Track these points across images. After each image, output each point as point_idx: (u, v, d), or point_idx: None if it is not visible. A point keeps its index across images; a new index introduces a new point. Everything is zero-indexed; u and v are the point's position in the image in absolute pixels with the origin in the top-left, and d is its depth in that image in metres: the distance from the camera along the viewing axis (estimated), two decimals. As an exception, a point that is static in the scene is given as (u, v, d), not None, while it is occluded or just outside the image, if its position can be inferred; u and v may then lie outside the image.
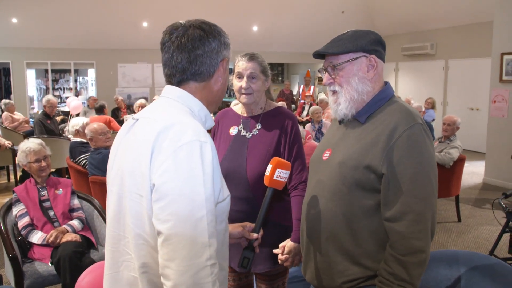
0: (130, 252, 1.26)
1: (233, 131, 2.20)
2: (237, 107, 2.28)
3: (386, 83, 1.67)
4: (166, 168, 1.14)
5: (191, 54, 1.30)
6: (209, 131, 1.46)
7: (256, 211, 2.07)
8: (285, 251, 2.00)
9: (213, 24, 1.36)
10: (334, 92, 1.64)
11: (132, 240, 1.24)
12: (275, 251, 2.03)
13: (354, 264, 1.57)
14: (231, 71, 1.91)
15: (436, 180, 1.54)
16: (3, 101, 8.65)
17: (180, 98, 1.32)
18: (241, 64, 2.10)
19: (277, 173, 1.67)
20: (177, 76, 1.33)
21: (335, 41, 1.63)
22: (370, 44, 1.60)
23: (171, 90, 1.34)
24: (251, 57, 2.11)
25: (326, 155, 1.67)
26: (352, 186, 1.54)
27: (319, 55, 1.68)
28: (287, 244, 2.01)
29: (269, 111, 2.19)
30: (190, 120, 1.23)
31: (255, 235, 1.64)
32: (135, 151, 1.23)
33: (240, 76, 2.11)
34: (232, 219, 2.08)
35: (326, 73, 1.65)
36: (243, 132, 2.17)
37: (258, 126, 2.16)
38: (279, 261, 2.02)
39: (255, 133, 2.15)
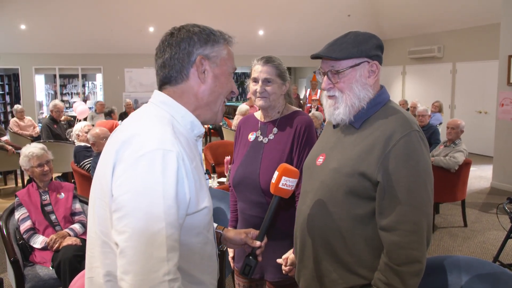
0: (98, 259, 1.24)
1: (251, 136, 2.20)
2: (257, 113, 2.27)
3: (381, 86, 1.64)
4: (125, 179, 1.11)
5: (161, 59, 1.29)
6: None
7: (279, 215, 2.05)
8: (288, 263, 1.95)
9: (186, 25, 1.31)
10: (333, 96, 1.59)
11: (98, 248, 1.21)
12: (278, 261, 1.99)
13: (349, 272, 1.54)
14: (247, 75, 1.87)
15: (432, 188, 1.51)
16: (16, 106, 8.73)
17: (163, 103, 1.29)
18: (256, 68, 2.09)
19: (283, 180, 1.59)
20: (157, 83, 1.34)
21: (337, 45, 1.56)
22: (373, 49, 1.56)
23: (156, 95, 1.32)
24: (267, 60, 2.09)
25: (320, 160, 1.64)
26: (347, 193, 1.51)
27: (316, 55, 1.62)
28: (290, 256, 1.96)
29: (286, 115, 2.16)
30: (160, 129, 1.18)
31: (258, 243, 1.59)
32: (103, 159, 1.23)
33: (255, 80, 2.09)
34: (248, 224, 2.08)
35: (325, 77, 1.59)
36: (260, 138, 2.16)
37: (275, 130, 2.14)
38: (283, 271, 1.98)
39: (271, 138, 2.13)
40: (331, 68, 1.56)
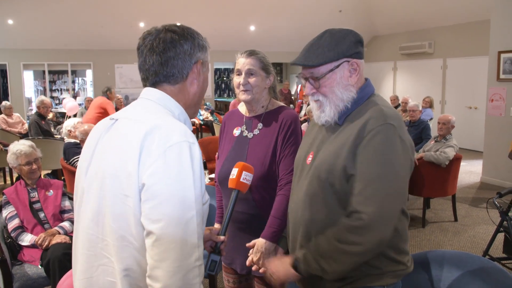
0: (108, 256, 1.23)
1: (236, 132, 2.19)
2: (242, 108, 2.26)
3: (366, 80, 1.62)
4: (156, 168, 1.13)
5: (162, 56, 1.31)
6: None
7: (257, 212, 2.06)
8: (254, 250, 1.96)
9: (187, 27, 1.36)
10: (318, 100, 1.58)
11: (114, 242, 1.20)
12: (248, 244, 1.99)
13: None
14: (231, 73, 1.87)
15: (406, 183, 1.48)
16: (4, 103, 8.60)
17: (160, 100, 1.31)
18: (240, 61, 2.08)
19: (243, 175, 1.69)
20: (150, 79, 1.34)
21: (313, 49, 1.53)
22: (350, 48, 1.52)
23: (151, 92, 1.34)
24: (250, 53, 2.08)
25: (309, 159, 1.64)
26: (328, 191, 1.51)
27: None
28: (258, 241, 1.96)
29: (271, 110, 2.15)
30: (175, 121, 1.23)
31: (221, 237, 1.60)
32: (119, 152, 1.21)
33: (239, 73, 2.08)
34: (235, 220, 2.07)
35: (307, 83, 1.58)
36: (245, 133, 2.15)
37: (260, 125, 2.13)
38: (248, 262, 1.98)
39: (256, 133, 2.13)
40: (311, 74, 1.55)
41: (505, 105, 7.08)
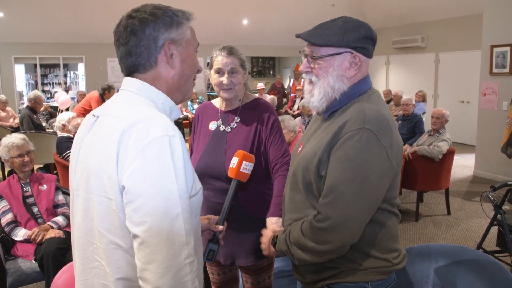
0: (99, 259, 1.19)
1: (212, 126, 2.20)
2: (216, 101, 2.27)
3: (365, 77, 1.57)
4: (135, 168, 1.07)
5: (126, 46, 1.24)
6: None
7: (238, 203, 2.09)
8: (266, 234, 1.95)
9: (153, 6, 1.26)
10: (311, 81, 1.54)
11: (102, 245, 1.17)
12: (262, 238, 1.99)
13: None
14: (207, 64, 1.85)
15: (378, 188, 1.42)
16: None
17: (141, 90, 1.24)
18: (220, 59, 2.06)
19: (243, 165, 1.67)
20: (124, 71, 1.28)
21: (321, 29, 1.49)
22: (358, 40, 1.47)
23: (131, 82, 1.26)
24: (230, 51, 2.07)
25: (299, 149, 1.65)
26: (304, 185, 1.53)
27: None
28: (267, 222, 1.97)
29: (247, 103, 2.19)
30: (155, 114, 1.15)
31: (220, 227, 1.61)
32: (100, 151, 1.15)
33: (219, 72, 2.07)
34: (213, 211, 2.06)
35: (305, 59, 1.55)
36: (222, 127, 2.17)
37: (237, 119, 2.16)
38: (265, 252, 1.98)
39: (234, 127, 2.15)
40: (311, 52, 1.52)
41: (498, 99, 7.12)
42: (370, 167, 1.38)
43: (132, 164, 1.08)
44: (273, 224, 1.93)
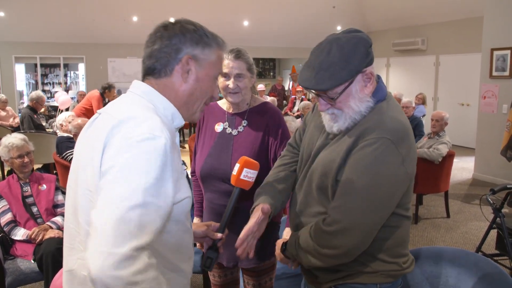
0: (83, 250, 1.20)
1: (218, 127, 2.17)
2: (222, 102, 2.25)
3: (377, 82, 1.53)
4: (111, 164, 1.08)
5: (149, 49, 1.28)
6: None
7: (241, 206, 2.05)
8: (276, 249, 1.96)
9: (187, 22, 1.29)
10: (333, 113, 1.49)
11: (83, 237, 1.18)
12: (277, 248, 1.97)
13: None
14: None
15: (392, 196, 1.43)
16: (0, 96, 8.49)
17: (144, 93, 1.27)
18: (226, 63, 2.03)
19: (244, 172, 1.60)
20: (142, 72, 1.32)
21: (324, 71, 1.40)
22: (363, 60, 1.42)
23: (137, 85, 1.30)
24: (237, 55, 2.04)
25: (310, 159, 1.63)
26: (319, 189, 1.52)
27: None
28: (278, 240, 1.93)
29: (255, 107, 2.16)
30: (149, 115, 1.17)
31: (219, 235, 1.58)
32: (90, 146, 1.19)
33: (225, 76, 2.06)
34: (216, 213, 2.09)
35: (321, 99, 1.49)
36: (228, 130, 2.15)
37: (244, 123, 2.13)
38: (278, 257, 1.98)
39: (241, 130, 2.13)
40: (325, 95, 1.45)
41: (497, 102, 7.12)
42: (385, 177, 1.39)
43: (110, 161, 1.09)
44: (288, 234, 1.91)
